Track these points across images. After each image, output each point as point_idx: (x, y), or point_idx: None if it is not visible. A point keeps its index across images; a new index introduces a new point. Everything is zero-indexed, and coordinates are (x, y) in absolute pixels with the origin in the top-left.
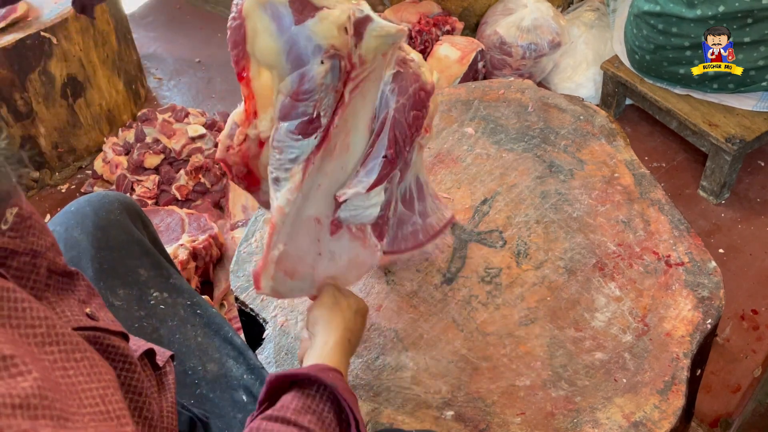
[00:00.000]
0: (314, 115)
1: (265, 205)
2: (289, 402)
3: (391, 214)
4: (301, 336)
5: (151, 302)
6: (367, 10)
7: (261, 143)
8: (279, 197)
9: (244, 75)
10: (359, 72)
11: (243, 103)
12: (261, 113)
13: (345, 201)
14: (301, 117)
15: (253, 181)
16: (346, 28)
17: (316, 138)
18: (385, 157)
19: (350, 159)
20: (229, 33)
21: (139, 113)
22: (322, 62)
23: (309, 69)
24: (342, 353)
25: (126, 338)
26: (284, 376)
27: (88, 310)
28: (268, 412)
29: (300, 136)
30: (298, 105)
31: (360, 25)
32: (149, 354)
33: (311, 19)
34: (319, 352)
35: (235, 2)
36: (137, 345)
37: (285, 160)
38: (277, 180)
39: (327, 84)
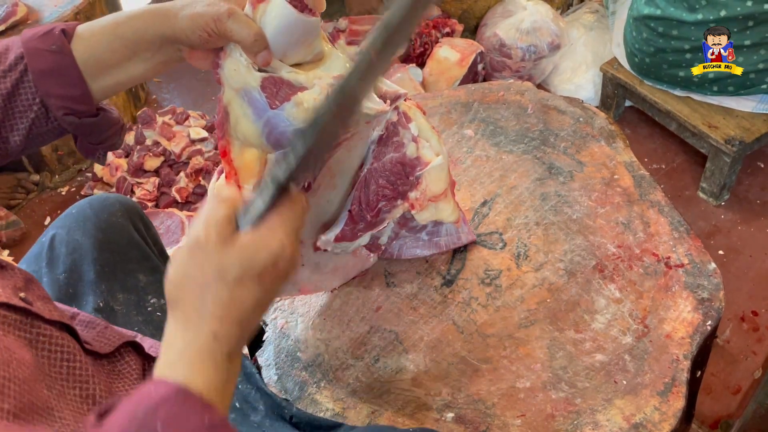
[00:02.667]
0: (305, 186)
1: None
2: None
3: (387, 238)
4: None
5: (149, 309)
6: None
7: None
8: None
9: (227, 153)
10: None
11: (222, 176)
12: (245, 185)
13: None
14: None
15: None
16: None
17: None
18: (349, 211)
19: (336, 196)
20: (217, 119)
21: (138, 113)
22: None
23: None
24: (198, 359)
25: (69, 330)
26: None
27: (22, 294)
28: None
29: None
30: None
31: None
32: (134, 345)
33: (287, 103)
34: (164, 355)
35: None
36: (121, 336)
37: None
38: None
39: None
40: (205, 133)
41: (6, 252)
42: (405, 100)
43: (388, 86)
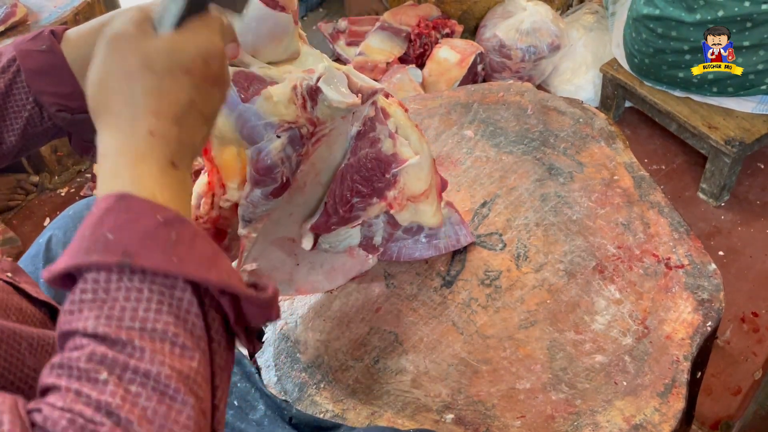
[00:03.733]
0: (284, 181)
1: (226, 249)
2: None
3: (382, 240)
4: None
5: None
6: (316, 77)
7: (235, 209)
8: (246, 229)
9: (208, 151)
10: (318, 130)
11: (205, 175)
12: (229, 183)
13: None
14: (271, 185)
15: (221, 238)
16: (294, 100)
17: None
18: (325, 203)
19: (322, 191)
20: None
21: None
22: (278, 136)
23: (264, 145)
24: (136, 161)
25: (51, 312)
26: (55, 282)
27: (9, 274)
28: (55, 358)
29: (272, 197)
30: (263, 178)
31: (312, 93)
32: None
33: (257, 96)
34: (100, 175)
35: None
36: None
37: (260, 211)
38: (248, 221)
39: (288, 154)
40: None
41: None
42: (387, 96)
43: (364, 81)
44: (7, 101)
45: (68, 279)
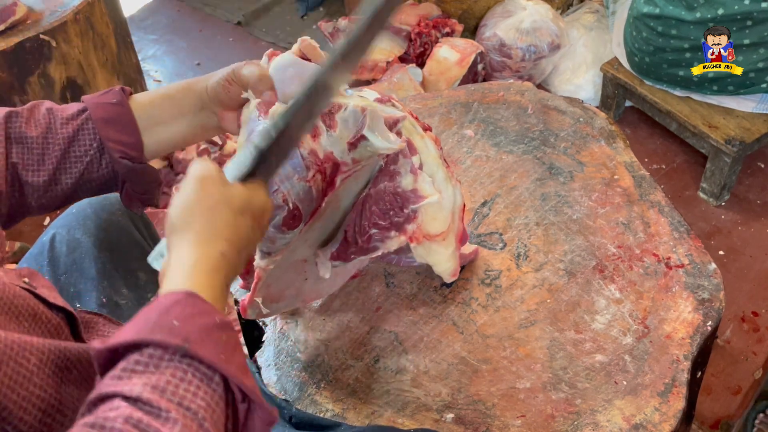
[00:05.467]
0: (290, 207)
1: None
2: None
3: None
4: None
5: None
6: (366, 125)
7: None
8: (264, 261)
9: None
10: (352, 167)
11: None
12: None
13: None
14: (279, 213)
15: (248, 269)
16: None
17: (304, 224)
18: (345, 231)
19: (339, 216)
20: None
21: None
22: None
23: None
24: (207, 272)
25: (69, 316)
26: (107, 351)
27: (26, 280)
28: (89, 418)
29: (286, 229)
30: None
31: (356, 141)
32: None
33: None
34: (170, 277)
35: None
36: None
37: (279, 245)
38: (267, 253)
39: (288, 175)
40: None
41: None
42: (425, 129)
43: (386, 112)
44: (72, 146)
45: (111, 358)
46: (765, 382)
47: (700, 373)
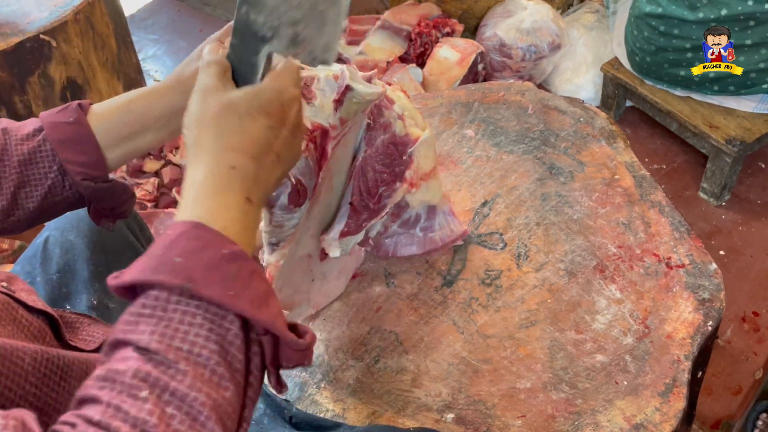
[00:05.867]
0: (293, 182)
1: None
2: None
3: (376, 232)
4: None
5: None
6: (347, 77)
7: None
8: (274, 256)
9: None
10: (340, 131)
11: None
12: None
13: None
14: (283, 191)
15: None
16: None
17: (309, 200)
18: (350, 203)
19: (335, 197)
20: None
21: None
22: None
23: None
24: (216, 193)
25: (51, 320)
26: (121, 288)
27: (4, 284)
28: (100, 370)
29: (293, 207)
30: None
31: (343, 93)
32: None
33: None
34: (181, 204)
35: None
36: (105, 332)
37: (287, 229)
38: (276, 244)
39: None
40: None
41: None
42: (388, 84)
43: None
44: (30, 168)
45: (130, 291)
46: (765, 382)
47: (700, 373)
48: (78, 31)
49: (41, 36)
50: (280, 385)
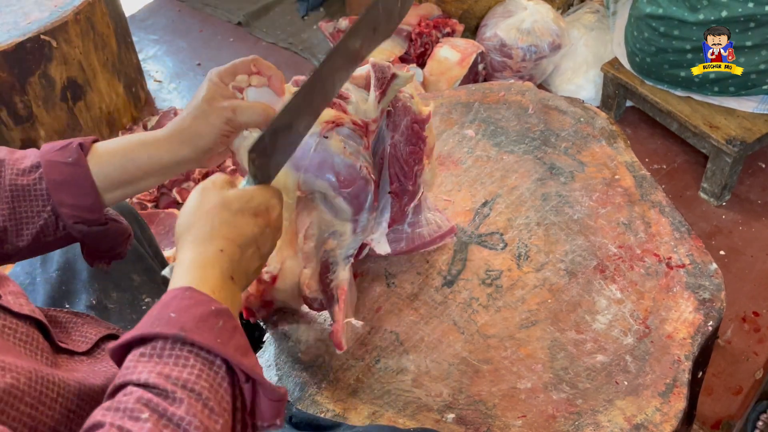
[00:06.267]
0: (375, 180)
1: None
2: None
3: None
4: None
5: (143, 307)
6: (392, 68)
7: (273, 279)
8: (341, 276)
9: None
10: (379, 122)
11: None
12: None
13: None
14: (368, 189)
15: (269, 306)
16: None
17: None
18: (390, 192)
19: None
20: None
21: (145, 122)
22: (325, 137)
23: (329, 157)
24: (204, 267)
25: (40, 327)
26: (120, 347)
27: None
28: (105, 405)
29: (377, 204)
30: (356, 187)
31: (388, 83)
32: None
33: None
34: (173, 278)
35: None
36: (98, 332)
37: (367, 231)
38: (351, 256)
39: (356, 148)
40: None
41: None
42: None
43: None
44: (22, 204)
45: (125, 352)
46: (766, 383)
47: (701, 374)
48: (78, 32)
49: (42, 36)
50: None
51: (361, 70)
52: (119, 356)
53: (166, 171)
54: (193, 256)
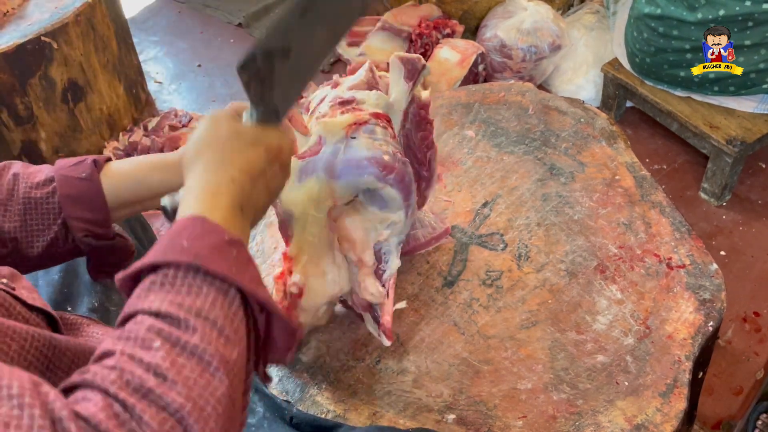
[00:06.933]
0: (405, 158)
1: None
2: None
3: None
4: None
5: None
6: (421, 59)
7: (301, 291)
8: (393, 265)
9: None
10: (407, 113)
11: (277, 269)
12: (294, 268)
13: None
14: (409, 168)
15: (294, 337)
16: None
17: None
18: None
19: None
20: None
21: (146, 123)
22: (353, 137)
23: (369, 153)
24: (215, 195)
25: (50, 319)
26: (129, 276)
27: (4, 280)
28: (114, 334)
29: (417, 190)
30: (400, 170)
31: (417, 76)
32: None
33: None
34: (182, 205)
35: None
36: (104, 333)
37: (411, 219)
38: (401, 242)
39: (385, 138)
40: None
41: None
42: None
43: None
44: (34, 217)
45: (134, 283)
46: (766, 383)
47: (701, 374)
48: (79, 33)
49: (42, 38)
50: (266, 377)
51: (359, 76)
52: (129, 286)
53: (172, 192)
54: (203, 183)
